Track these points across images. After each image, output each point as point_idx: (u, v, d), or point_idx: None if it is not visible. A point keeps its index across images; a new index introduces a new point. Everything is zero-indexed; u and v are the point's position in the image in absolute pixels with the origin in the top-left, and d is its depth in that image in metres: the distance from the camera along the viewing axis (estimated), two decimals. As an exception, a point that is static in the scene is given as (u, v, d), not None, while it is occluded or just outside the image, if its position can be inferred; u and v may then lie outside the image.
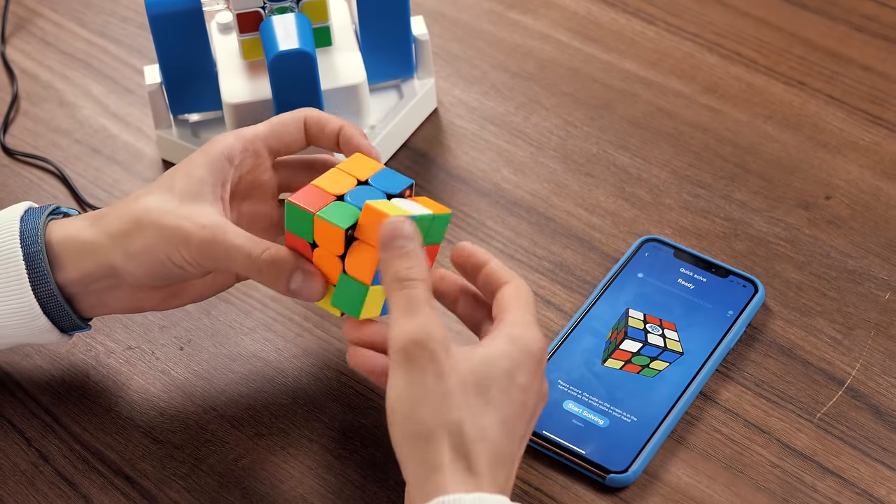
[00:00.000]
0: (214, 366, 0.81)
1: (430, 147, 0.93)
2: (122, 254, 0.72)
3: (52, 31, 1.04)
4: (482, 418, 0.64)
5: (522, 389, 0.66)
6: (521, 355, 0.66)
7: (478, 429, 0.64)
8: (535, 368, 0.67)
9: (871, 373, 0.78)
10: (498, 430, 0.64)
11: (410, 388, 0.64)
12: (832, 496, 0.72)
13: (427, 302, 0.65)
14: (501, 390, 0.65)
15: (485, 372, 0.65)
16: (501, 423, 0.65)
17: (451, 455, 0.63)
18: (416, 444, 0.63)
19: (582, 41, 1.00)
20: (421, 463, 0.63)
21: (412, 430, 0.63)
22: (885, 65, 0.96)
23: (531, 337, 0.67)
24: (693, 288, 0.81)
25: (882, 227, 0.86)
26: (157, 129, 0.92)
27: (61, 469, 0.76)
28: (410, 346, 0.64)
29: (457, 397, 0.64)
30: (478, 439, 0.63)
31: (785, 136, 0.92)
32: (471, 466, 0.63)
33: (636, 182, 0.90)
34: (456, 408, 0.63)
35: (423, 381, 0.64)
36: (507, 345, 0.66)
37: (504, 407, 0.65)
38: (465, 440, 0.63)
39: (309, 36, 0.83)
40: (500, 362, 0.66)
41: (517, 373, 0.66)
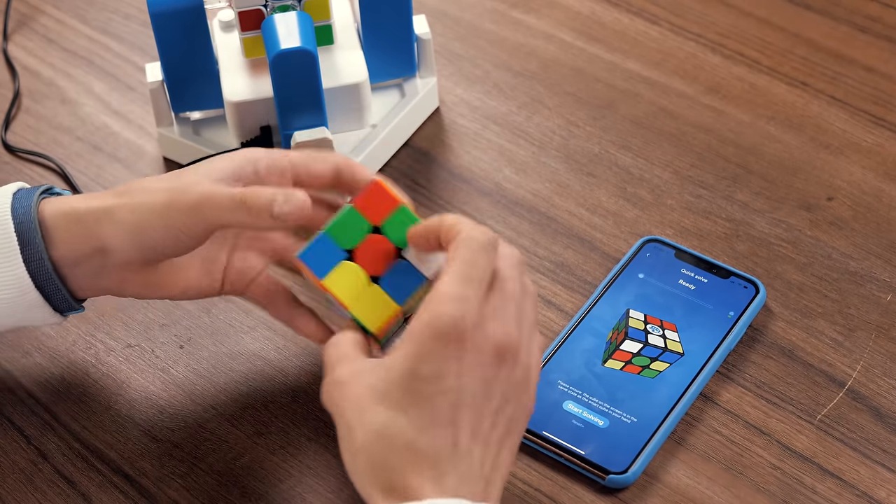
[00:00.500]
0: (214, 364, 0.80)
1: (431, 146, 0.93)
2: (112, 224, 0.71)
3: (54, 28, 1.04)
4: (389, 430, 0.62)
5: (438, 378, 0.62)
6: (421, 345, 0.62)
7: (387, 443, 0.61)
8: (448, 347, 0.62)
9: (872, 375, 0.78)
10: (416, 434, 0.61)
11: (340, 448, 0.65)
12: (832, 498, 0.72)
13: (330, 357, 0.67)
14: (405, 393, 0.62)
15: (384, 382, 0.63)
16: (418, 426, 0.61)
17: (372, 481, 0.62)
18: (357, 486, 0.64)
19: (585, 41, 1.00)
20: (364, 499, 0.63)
21: (350, 474, 0.64)
22: (889, 66, 0.96)
23: (436, 314, 0.62)
24: (694, 289, 0.81)
25: (884, 229, 0.85)
26: (159, 126, 0.92)
27: (60, 467, 0.76)
28: (324, 403, 0.66)
29: (356, 422, 0.63)
30: (392, 453, 0.61)
31: (787, 137, 0.92)
32: (398, 483, 0.61)
33: (638, 182, 0.89)
34: (358, 433, 0.63)
35: (337, 426, 0.65)
36: (406, 342, 0.63)
37: (416, 408, 0.62)
38: (379, 461, 0.61)
39: (311, 34, 0.83)
40: (396, 366, 0.63)
41: (421, 366, 0.62)
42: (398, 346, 0.64)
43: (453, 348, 0.62)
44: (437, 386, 0.62)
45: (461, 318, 0.62)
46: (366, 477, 0.63)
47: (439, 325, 0.62)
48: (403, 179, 0.90)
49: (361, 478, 0.63)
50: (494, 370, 0.64)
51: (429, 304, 0.63)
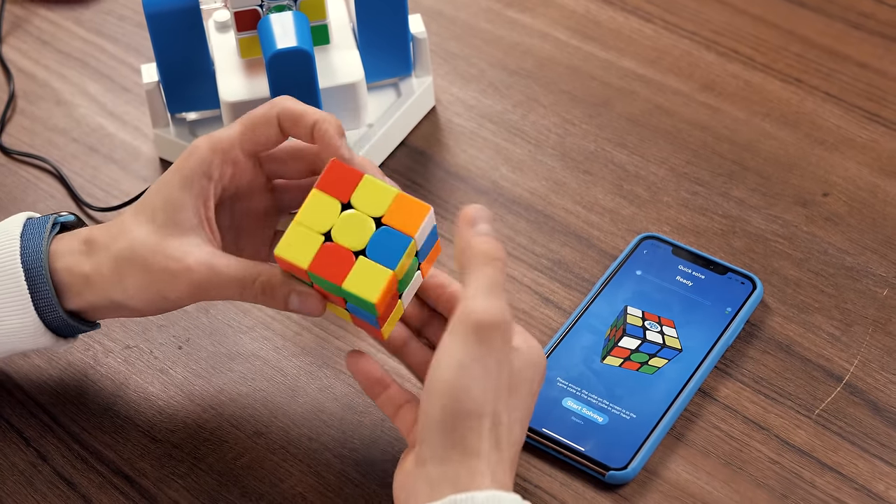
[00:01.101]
0: (213, 364, 0.81)
1: (428, 145, 0.93)
2: (121, 292, 0.72)
3: (48, 29, 1.04)
4: (513, 415, 0.66)
5: (535, 395, 0.68)
6: (539, 363, 0.68)
7: (509, 425, 0.65)
8: (541, 381, 0.69)
9: (870, 369, 0.78)
10: (520, 430, 0.66)
11: (471, 366, 0.63)
12: (831, 492, 0.72)
13: (505, 288, 0.66)
14: (528, 393, 0.67)
15: (520, 372, 0.67)
16: (522, 424, 0.67)
17: (489, 441, 0.64)
18: (458, 421, 0.63)
19: (580, 39, 1.00)
20: (457, 441, 0.63)
21: (460, 405, 0.63)
22: (882, 62, 0.96)
23: (541, 353, 0.69)
24: (691, 285, 0.82)
25: (880, 224, 0.86)
26: (155, 127, 0.92)
27: (60, 469, 0.76)
28: (485, 326, 0.64)
29: (504, 390, 0.65)
30: (509, 434, 0.65)
31: (782, 134, 0.92)
32: (501, 459, 0.64)
33: (634, 180, 0.90)
34: (502, 399, 0.65)
35: (486, 364, 0.64)
36: (533, 351, 0.68)
37: (526, 409, 0.67)
38: (501, 433, 0.64)
39: (307, 34, 0.83)
40: (529, 366, 0.67)
41: (536, 378, 0.68)
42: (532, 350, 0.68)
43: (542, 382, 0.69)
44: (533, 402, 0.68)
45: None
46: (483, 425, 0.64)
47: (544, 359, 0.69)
48: (400, 178, 0.90)
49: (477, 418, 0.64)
50: None
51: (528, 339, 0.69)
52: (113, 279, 0.72)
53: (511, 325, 0.65)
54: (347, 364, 0.71)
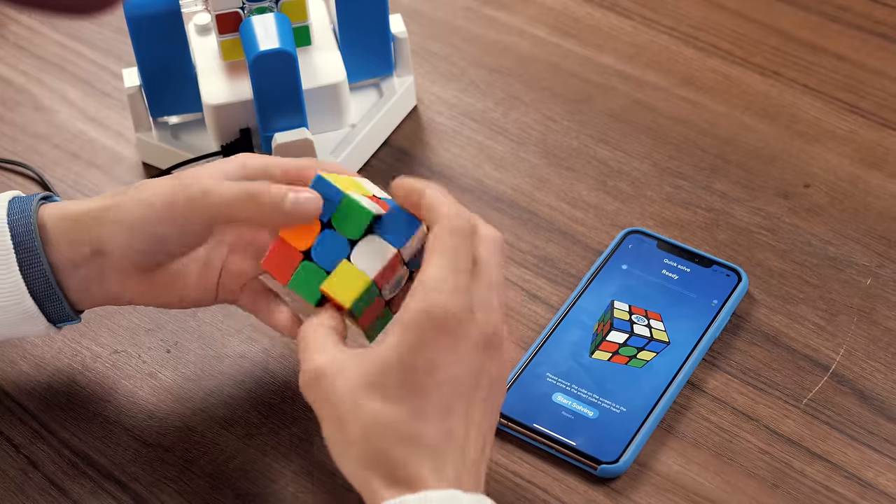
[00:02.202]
0: (202, 367, 0.80)
1: (411, 145, 0.93)
2: (110, 224, 0.71)
3: (25, 35, 1.04)
4: (387, 421, 0.62)
5: (432, 367, 0.62)
6: (415, 335, 0.62)
7: (387, 434, 0.61)
8: (440, 336, 0.62)
9: (856, 357, 0.79)
10: (415, 424, 0.62)
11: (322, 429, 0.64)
12: (821, 480, 0.73)
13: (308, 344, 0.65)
14: (400, 384, 0.62)
15: (377, 373, 0.62)
16: (416, 416, 0.62)
17: (373, 472, 0.62)
18: (349, 476, 0.64)
19: (559, 36, 1.00)
20: (361, 491, 0.63)
21: (340, 465, 0.64)
22: (860, 54, 0.97)
23: (429, 303, 0.62)
24: (677, 278, 0.82)
25: (861, 214, 0.86)
26: (137, 132, 0.92)
27: (51, 475, 0.76)
28: (303, 392, 0.65)
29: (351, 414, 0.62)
30: (392, 444, 0.61)
31: (763, 127, 0.93)
32: (400, 474, 0.61)
33: (617, 175, 0.90)
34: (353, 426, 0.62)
35: (322, 417, 0.64)
36: (398, 332, 0.63)
37: (412, 398, 0.62)
38: (378, 452, 0.61)
39: (289, 36, 0.83)
40: (390, 356, 0.62)
41: (415, 356, 0.62)
42: (388, 336, 0.63)
43: (447, 338, 0.62)
44: (434, 376, 0.62)
45: (454, 307, 0.63)
46: (362, 466, 0.62)
47: (434, 315, 0.62)
48: (384, 179, 0.90)
49: (356, 467, 0.63)
50: (482, 359, 0.64)
51: (419, 293, 0.63)
52: (106, 209, 0.71)
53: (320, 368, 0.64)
54: None
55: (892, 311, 0.81)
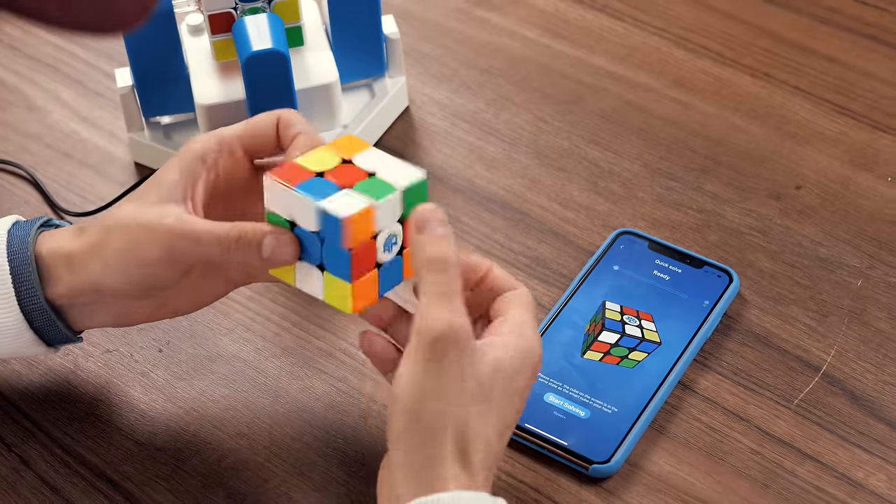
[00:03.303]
0: (194, 367, 0.81)
1: (403, 145, 0.93)
2: (99, 265, 0.72)
3: (18, 35, 1.04)
4: (484, 420, 0.65)
5: (520, 394, 0.67)
6: (522, 360, 0.67)
7: (480, 429, 0.64)
8: (532, 374, 0.68)
9: (846, 358, 0.79)
10: (496, 433, 0.65)
11: (428, 380, 0.64)
12: (812, 480, 0.73)
13: (459, 292, 0.65)
14: (503, 394, 0.66)
15: (491, 374, 0.65)
16: (499, 426, 0.65)
17: (452, 450, 0.63)
18: (419, 434, 0.63)
19: (550, 38, 1.01)
20: (420, 453, 0.63)
21: (419, 420, 0.63)
22: (850, 55, 0.98)
23: (535, 345, 0.68)
24: (668, 279, 0.82)
25: (852, 216, 0.87)
26: (129, 132, 0.92)
27: (43, 474, 0.76)
28: (439, 340, 0.64)
29: (468, 396, 0.64)
30: (478, 439, 0.64)
31: (753, 128, 0.93)
32: (469, 465, 0.64)
33: (609, 176, 0.90)
34: (465, 406, 0.64)
35: (444, 375, 0.64)
36: (515, 352, 0.67)
37: (503, 410, 0.66)
38: (467, 439, 0.64)
39: (282, 36, 0.84)
40: (507, 369, 0.66)
41: (518, 377, 0.66)
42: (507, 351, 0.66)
43: (534, 378, 0.68)
44: (520, 403, 0.67)
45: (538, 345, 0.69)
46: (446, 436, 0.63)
47: (536, 353, 0.68)
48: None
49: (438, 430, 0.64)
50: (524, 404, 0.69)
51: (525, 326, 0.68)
52: (93, 250, 0.72)
53: (463, 332, 0.64)
54: (362, 342, 0.71)
55: (882, 312, 0.81)
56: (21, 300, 0.72)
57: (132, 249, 0.71)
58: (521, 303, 0.69)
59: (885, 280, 0.83)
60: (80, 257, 0.72)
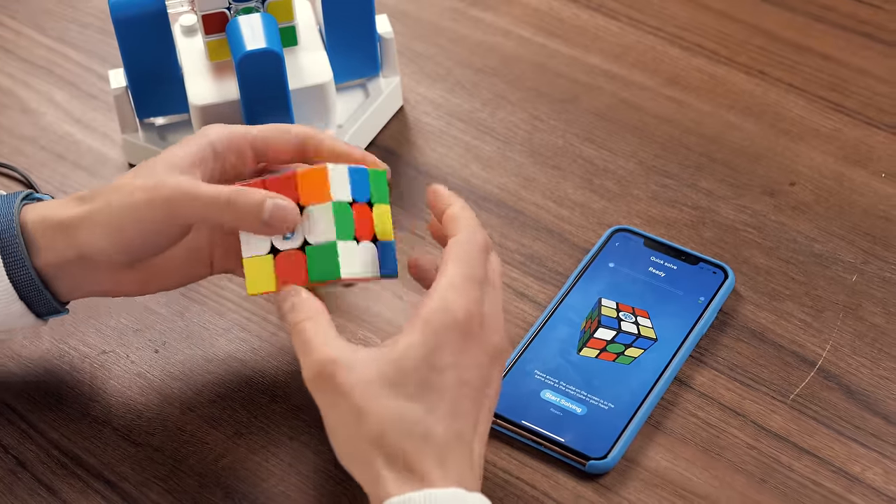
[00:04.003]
0: (190, 367, 0.80)
1: (398, 145, 0.93)
2: (91, 230, 0.71)
3: (11, 38, 1.04)
4: (405, 417, 0.63)
5: (450, 369, 0.64)
6: (437, 336, 0.64)
7: (404, 429, 0.63)
8: (460, 339, 0.64)
9: (842, 353, 0.79)
10: (429, 422, 0.63)
11: (329, 418, 0.65)
12: (808, 475, 0.73)
13: (315, 335, 0.65)
14: (420, 382, 0.63)
15: (395, 369, 0.64)
16: (433, 414, 0.63)
17: (384, 463, 0.63)
18: (354, 467, 0.65)
19: (545, 37, 1.01)
20: (365, 482, 0.64)
21: (345, 455, 0.65)
22: (844, 53, 0.98)
23: (452, 306, 0.64)
24: (664, 276, 0.82)
25: (846, 212, 0.87)
26: (124, 133, 0.92)
27: (40, 475, 0.76)
28: (315, 380, 0.65)
29: (369, 407, 0.63)
30: (407, 439, 0.63)
31: (748, 125, 0.93)
32: (410, 467, 0.62)
33: (603, 174, 0.91)
34: (372, 417, 0.63)
35: (335, 406, 0.64)
36: (421, 330, 0.64)
37: (430, 397, 0.63)
38: (392, 445, 0.63)
39: (276, 35, 0.84)
40: (411, 354, 0.64)
41: (436, 356, 0.64)
42: (407, 335, 0.64)
43: (465, 341, 0.65)
44: (450, 377, 0.64)
45: (470, 313, 0.65)
46: (371, 458, 0.63)
47: (455, 318, 0.64)
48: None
49: (364, 458, 0.64)
50: (489, 369, 0.66)
51: (438, 295, 0.65)
52: (92, 216, 0.71)
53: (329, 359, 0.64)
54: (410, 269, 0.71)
55: (877, 307, 0.81)
56: (9, 269, 0.72)
57: (132, 210, 0.70)
58: (455, 254, 0.67)
59: (879, 275, 0.83)
60: (73, 223, 0.72)
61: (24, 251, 0.72)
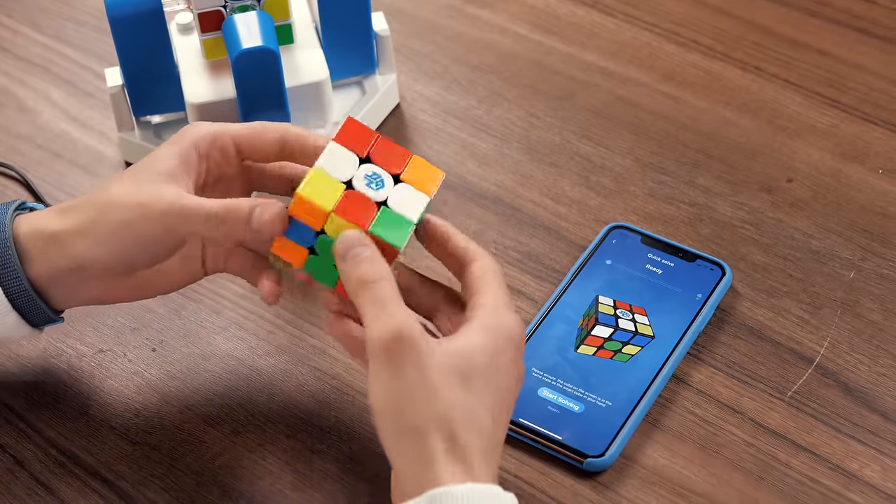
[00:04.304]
0: (188, 366, 0.80)
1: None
2: (89, 242, 0.71)
3: (7, 36, 1.04)
4: (470, 409, 0.64)
5: (505, 376, 0.66)
6: (499, 343, 0.67)
7: (467, 420, 0.64)
8: (515, 353, 0.67)
9: (839, 350, 0.79)
10: (487, 420, 0.65)
11: (394, 385, 0.64)
12: (806, 472, 0.73)
13: (395, 298, 0.66)
14: (485, 381, 0.65)
15: (466, 363, 0.65)
16: (489, 413, 0.65)
17: (443, 447, 0.63)
18: (407, 441, 0.64)
19: (541, 34, 1.01)
20: (414, 458, 0.63)
21: (401, 426, 0.64)
22: (840, 49, 0.98)
23: (509, 322, 0.67)
24: (661, 273, 0.82)
25: (844, 208, 0.87)
26: (120, 131, 0.92)
27: (37, 474, 0.76)
28: (389, 343, 0.64)
29: (443, 390, 0.64)
30: (468, 430, 0.64)
31: (744, 122, 0.93)
32: (464, 458, 0.63)
33: (600, 171, 0.90)
34: (443, 400, 0.64)
35: (406, 377, 0.64)
36: (486, 334, 0.67)
37: (489, 397, 0.65)
38: (455, 432, 0.63)
39: (272, 33, 0.83)
40: (480, 352, 0.66)
41: (498, 361, 0.66)
42: (473, 335, 0.66)
43: (516, 351, 0.68)
44: (504, 382, 0.67)
45: (521, 328, 0.68)
46: (429, 433, 0.64)
47: (512, 329, 0.67)
48: (368, 176, 0.91)
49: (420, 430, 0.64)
50: (518, 383, 0.69)
51: (491, 308, 0.68)
52: (81, 229, 0.72)
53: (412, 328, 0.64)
54: (329, 329, 0.71)
55: (874, 304, 0.81)
56: (2, 280, 0.72)
57: (129, 227, 0.71)
58: (490, 277, 0.69)
59: (877, 271, 0.83)
60: (68, 235, 0.72)
61: (17, 262, 0.72)
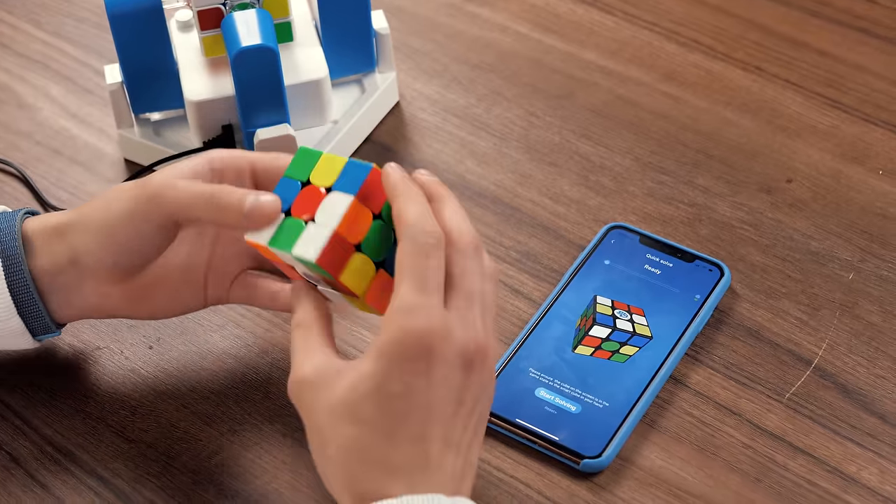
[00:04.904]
0: (184, 364, 0.80)
1: (393, 141, 0.93)
2: (81, 231, 0.72)
3: (7, 32, 1.04)
4: (363, 445, 0.62)
5: (411, 394, 0.62)
6: (391, 364, 0.62)
7: (361, 457, 0.62)
8: (419, 362, 0.62)
9: (838, 352, 0.79)
10: (388, 450, 0.62)
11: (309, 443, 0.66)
12: (804, 474, 0.73)
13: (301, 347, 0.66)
14: (376, 410, 0.62)
15: (354, 397, 0.62)
16: (390, 440, 0.62)
17: (344, 488, 0.63)
18: (325, 481, 0.66)
19: (541, 32, 1.01)
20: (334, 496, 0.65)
21: (318, 469, 0.66)
22: (841, 49, 0.97)
23: (401, 333, 0.62)
24: (660, 273, 0.82)
25: (843, 209, 0.87)
26: (119, 128, 0.92)
27: (33, 471, 0.76)
28: (289, 395, 0.67)
29: (330, 433, 0.63)
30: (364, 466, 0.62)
31: (745, 122, 0.93)
32: (369, 495, 0.62)
33: (600, 170, 0.90)
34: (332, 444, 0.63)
35: (305, 424, 0.66)
36: (373, 361, 0.62)
37: (389, 424, 0.62)
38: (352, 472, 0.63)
39: (271, 31, 0.83)
40: (364, 384, 0.62)
41: (391, 385, 0.62)
42: (366, 361, 0.63)
43: (422, 364, 0.62)
44: (408, 402, 0.62)
45: (427, 332, 0.62)
46: (337, 482, 0.64)
47: (407, 343, 0.62)
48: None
49: (331, 482, 0.65)
50: (464, 377, 0.63)
51: (391, 319, 0.62)
52: (80, 218, 0.73)
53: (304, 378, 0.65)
54: None
55: (874, 306, 0.81)
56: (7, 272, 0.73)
57: (120, 209, 0.71)
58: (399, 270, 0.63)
59: (876, 273, 0.83)
60: (67, 226, 0.73)
61: (22, 254, 0.73)
